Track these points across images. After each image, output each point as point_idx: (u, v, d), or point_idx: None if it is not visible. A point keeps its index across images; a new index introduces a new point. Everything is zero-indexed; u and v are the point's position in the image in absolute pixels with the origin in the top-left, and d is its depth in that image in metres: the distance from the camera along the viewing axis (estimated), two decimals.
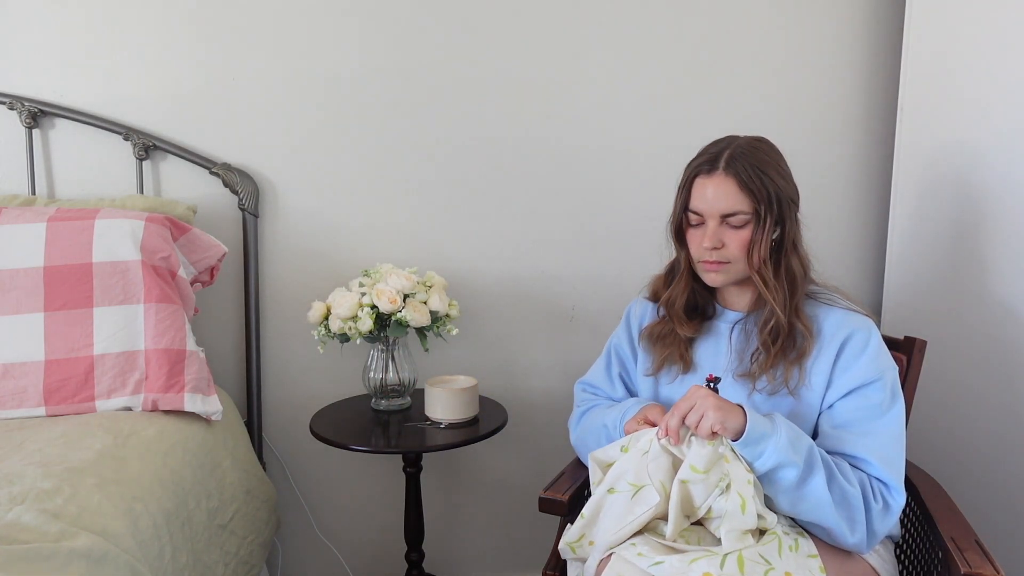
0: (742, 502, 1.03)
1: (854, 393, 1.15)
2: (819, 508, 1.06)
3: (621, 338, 1.40)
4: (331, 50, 1.82)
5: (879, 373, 1.15)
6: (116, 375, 1.45)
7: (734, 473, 1.05)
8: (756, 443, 1.05)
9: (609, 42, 1.87)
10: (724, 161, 1.16)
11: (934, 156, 1.73)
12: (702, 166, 1.19)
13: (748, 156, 1.16)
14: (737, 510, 1.03)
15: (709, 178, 1.17)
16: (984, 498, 1.59)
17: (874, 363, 1.15)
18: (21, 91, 1.75)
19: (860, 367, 1.15)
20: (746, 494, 1.04)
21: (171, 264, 1.58)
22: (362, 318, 1.60)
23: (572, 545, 1.15)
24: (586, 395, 1.43)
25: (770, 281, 1.18)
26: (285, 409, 1.94)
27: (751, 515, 1.04)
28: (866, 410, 1.13)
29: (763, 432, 1.05)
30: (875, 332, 1.18)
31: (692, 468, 1.05)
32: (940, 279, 1.72)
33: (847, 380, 1.15)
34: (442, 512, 2.02)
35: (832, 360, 1.16)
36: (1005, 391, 1.56)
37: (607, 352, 1.42)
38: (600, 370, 1.42)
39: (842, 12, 1.89)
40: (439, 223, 1.91)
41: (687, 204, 1.21)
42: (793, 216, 1.20)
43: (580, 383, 1.46)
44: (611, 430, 1.26)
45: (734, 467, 1.05)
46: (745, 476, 1.05)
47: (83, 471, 1.13)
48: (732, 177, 1.15)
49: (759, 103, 1.91)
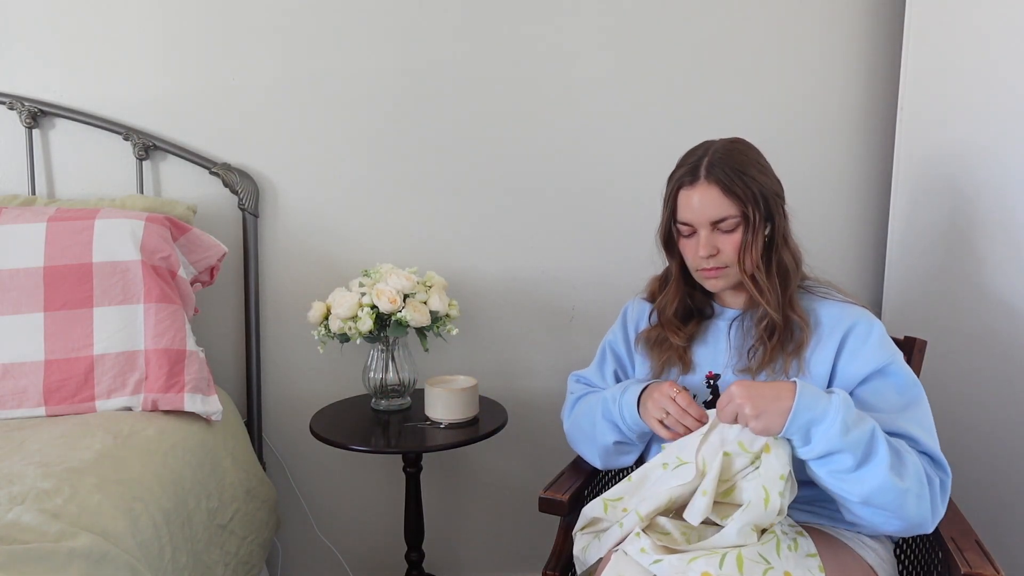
0: (766, 496, 1.02)
1: (875, 377, 1.14)
2: (881, 491, 1.01)
3: (617, 336, 1.40)
4: (331, 50, 1.82)
5: (891, 355, 1.15)
6: (116, 375, 1.45)
7: (767, 464, 1.04)
8: (804, 431, 1.02)
9: (609, 43, 1.87)
10: (704, 169, 1.17)
11: (934, 156, 1.73)
12: (684, 177, 1.20)
13: (727, 160, 1.17)
14: (760, 503, 1.02)
15: (693, 188, 1.18)
16: (984, 498, 1.59)
17: (884, 347, 1.15)
18: (21, 91, 1.75)
19: (870, 352, 1.14)
20: (772, 489, 1.03)
21: (171, 264, 1.58)
22: (362, 318, 1.60)
23: (608, 502, 1.17)
24: (579, 386, 1.45)
25: (763, 283, 1.19)
26: (285, 409, 1.94)
27: (772, 512, 1.02)
28: (894, 389, 1.13)
29: (811, 419, 1.02)
30: (876, 321, 1.18)
31: (740, 444, 1.06)
32: (940, 279, 1.72)
33: (860, 366, 1.14)
34: (442, 512, 2.02)
35: (834, 350, 1.16)
36: (1005, 391, 1.56)
37: (602, 350, 1.42)
38: (594, 367, 1.43)
39: (842, 13, 1.89)
40: (439, 223, 1.91)
41: (675, 216, 1.22)
42: (781, 210, 1.21)
43: (575, 374, 1.47)
44: (609, 402, 1.27)
45: (769, 460, 1.04)
46: (779, 471, 1.03)
47: (83, 471, 1.13)
48: (715, 184, 1.16)
49: (759, 103, 1.91)
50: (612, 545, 1.14)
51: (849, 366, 1.15)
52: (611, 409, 1.26)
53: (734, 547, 1.01)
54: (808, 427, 1.02)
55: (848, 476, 1.02)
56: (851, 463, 1.01)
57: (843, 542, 1.15)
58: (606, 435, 1.29)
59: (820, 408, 1.02)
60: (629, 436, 1.26)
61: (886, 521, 1.05)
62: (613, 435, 1.27)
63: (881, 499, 1.02)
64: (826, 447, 1.01)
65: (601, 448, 1.31)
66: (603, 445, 1.30)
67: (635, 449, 1.30)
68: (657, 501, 1.09)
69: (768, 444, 1.05)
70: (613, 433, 1.27)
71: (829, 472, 1.04)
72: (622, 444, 1.29)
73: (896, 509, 1.03)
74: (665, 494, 1.09)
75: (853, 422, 1.02)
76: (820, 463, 1.04)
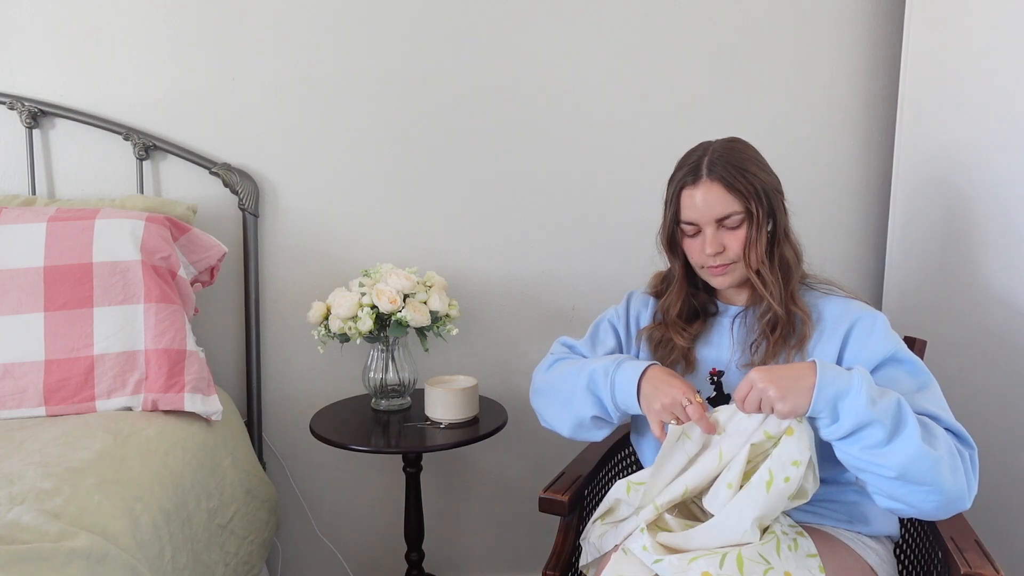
0: (770, 478, 1.02)
1: (886, 364, 1.13)
2: (916, 461, 0.99)
3: (620, 317, 1.37)
4: (332, 51, 1.82)
5: (897, 344, 1.15)
6: (116, 375, 1.45)
7: (783, 447, 1.03)
8: (831, 406, 1.01)
9: (609, 45, 1.87)
10: (706, 168, 1.18)
11: (934, 156, 1.73)
12: (686, 177, 1.20)
13: (727, 158, 1.18)
14: (762, 485, 1.02)
15: (695, 187, 1.18)
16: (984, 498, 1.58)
17: (890, 337, 1.15)
18: (21, 91, 1.75)
19: (877, 343, 1.14)
20: (777, 473, 1.02)
21: (171, 264, 1.58)
22: (362, 318, 1.60)
23: (632, 484, 1.17)
24: (565, 349, 1.41)
25: (767, 278, 1.19)
26: (285, 409, 1.94)
27: (775, 496, 1.01)
28: (907, 373, 1.13)
29: (837, 392, 1.01)
30: (879, 313, 1.18)
31: (766, 434, 1.05)
32: (940, 279, 1.72)
33: (869, 355, 1.13)
34: (442, 512, 2.02)
35: (839, 345, 1.16)
36: (1005, 391, 1.56)
37: (596, 326, 1.39)
38: (586, 341, 1.38)
39: (842, 12, 1.89)
40: (439, 223, 1.91)
41: (678, 217, 1.22)
42: (781, 205, 1.22)
43: (563, 339, 1.43)
44: (599, 374, 1.22)
45: (788, 443, 1.03)
46: (794, 456, 1.02)
47: (83, 471, 1.13)
48: (717, 181, 1.16)
49: (759, 104, 1.91)
50: (627, 534, 1.14)
51: (858, 357, 1.14)
52: (599, 383, 1.21)
53: (734, 547, 1.02)
54: (835, 401, 1.01)
55: (882, 450, 0.99)
56: (883, 435, 0.99)
57: (843, 542, 1.15)
58: (585, 407, 1.24)
59: (843, 381, 1.01)
60: (611, 415, 1.22)
61: (924, 497, 1.01)
62: (594, 409, 1.23)
63: (917, 471, 0.99)
64: (855, 420, 0.99)
65: (575, 418, 1.26)
66: (578, 416, 1.26)
67: (609, 428, 1.26)
68: (673, 493, 1.09)
69: (791, 427, 1.03)
70: (594, 407, 1.23)
71: (862, 449, 1.00)
72: (599, 420, 1.25)
73: (933, 481, 1.00)
74: (680, 485, 1.09)
75: (878, 393, 1.01)
76: (852, 440, 1.01)
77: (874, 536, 1.19)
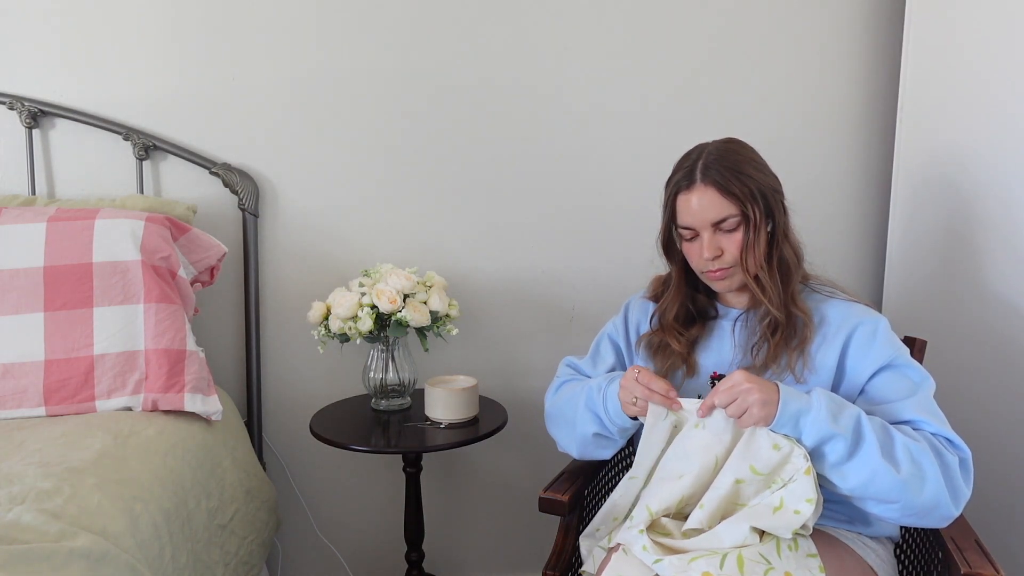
0: (779, 504, 1.03)
1: (885, 370, 1.14)
2: (877, 478, 1.01)
3: (618, 329, 1.39)
4: (331, 51, 1.82)
5: (899, 350, 1.16)
6: (116, 375, 1.45)
7: (801, 483, 1.03)
8: (794, 421, 1.04)
9: (608, 44, 1.87)
10: (700, 172, 1.17)
11: (934, 156, 1.73)
12: (680, 182, 1.20)
13: (721, 160, 1.17)
14: (768, 508, 1.03)
15: (690, 192, 1.18)
16: (984, 498, 1.59)
17: (890, 343, 1.16)
18: (21, 91, 1.75)
19: (879, 348, 1.15)
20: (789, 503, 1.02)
21: (171, 264, 1.58)
22: (362, 318, 1.60)
23: (628, 480, 1.18)
24: (569, 370, 1.43)
25: (765, 283, 1.19)
26: (285, 409, 1.94)
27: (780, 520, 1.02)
28: (903, 380, 1.14)
29: (799, 409, 1.04)
30: (881, 318, 1.19)
31: (752, 469, 1.05)
32: (940, 279, 1.72)
33: (870, 362, 1.15)
34: (442, 512, 2.02)
35: (840, 348, 1.17)
36: (1005, 391, 1.56)
37: (597, 343, 1.41)
38: (588, 359, 1.41)
39: (842, 13, 1.89)
40: (439, 223, 1.91)
41: (675, 221, 1.22)
42: (780, 205, 1.21)
43: (568, 360, 1.45)
44: (594, 391, 1.25)
45: (807, 480, 1.03)
46: (808, 493, 1.02)
47: (83, 471, 1.13)
48: (711, 185, 1.16)
49: (759, 104, 1.91)
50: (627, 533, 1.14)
51: (859, 364, 1.16)
52: (595, 399, 1.24)
53: (735, 547, 1.02)
54: (797, 417, 1.04)
55: (842, 467, 1.03)
56: (844, 450, 1.03)
57: (843, 542, 1.15)
58: (587, 425, 1.26)
59: (804, 401, 1.05)
60: (610, 429, 1.23)
61: (900, 514, 1.04)
62: (594, 426, 1.25)
63: (878, 489, 1.02)
64: (818, 435, 1.03)
65: (580, 437, 1.29)
66: (582, 435, 1.28)
67: (614, 445, 1.28)
68: (669, 500, 1.09)
69: (809, 467, 1.03)
70: (594, 424, 1.25)
71: (828, 468, 1.04)
72: (601, 437, 1.26)
73: (899, 497, 1.02)
74: (678, 492, 1.09)
75: (838, 408, 1.05)
76: (817, 459, 1.04)
77: (874, 536, 1.19)
